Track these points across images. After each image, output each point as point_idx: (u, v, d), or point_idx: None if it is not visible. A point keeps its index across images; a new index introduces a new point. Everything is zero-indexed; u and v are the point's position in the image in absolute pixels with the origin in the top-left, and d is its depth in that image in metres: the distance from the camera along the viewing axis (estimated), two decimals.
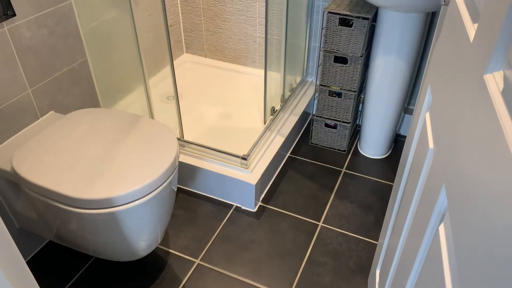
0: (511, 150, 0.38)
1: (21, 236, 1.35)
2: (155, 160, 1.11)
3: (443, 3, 0.77)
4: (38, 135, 1.19)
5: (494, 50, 0.47)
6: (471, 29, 0.60)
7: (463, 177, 0.52)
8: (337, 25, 1.55)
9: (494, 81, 0.48)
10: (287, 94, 1.90)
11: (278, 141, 1.70)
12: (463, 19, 0.64)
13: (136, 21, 1.53)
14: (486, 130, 0.46)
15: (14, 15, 1.16)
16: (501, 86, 0.46)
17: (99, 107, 1.61)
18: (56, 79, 1.36)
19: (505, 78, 0.46)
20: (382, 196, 1.66)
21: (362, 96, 1.89)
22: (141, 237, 1.14)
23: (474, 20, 0.61)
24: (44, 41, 1.28)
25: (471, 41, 0.58)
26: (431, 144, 0.75)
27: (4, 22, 1.14)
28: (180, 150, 1.64)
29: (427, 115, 0.82)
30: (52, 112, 1.37)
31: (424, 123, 0.83)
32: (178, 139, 1.63)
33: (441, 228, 0.58)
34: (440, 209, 0.62)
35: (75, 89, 1.45)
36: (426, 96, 0.83)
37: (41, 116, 1.34)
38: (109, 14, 1.64)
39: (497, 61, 0.48)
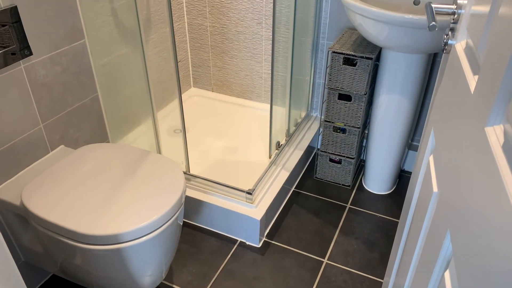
0: None
1: (25, 269, 1.35)
2: (162, 196, 1.12)
3: (444, 51, 0.80)
4: (47, 169, 1.21)
5: (494, 105, 0.50)
6: (472, 81, 0.63)
7: (467, 225, 0.53)
8: (341, 64, 1.60)
9: (495, 134, 0.50)
10: (292, 128, 1.93)
11: (283, 175, 1.71)
12: (463, 70, 0.67)
13: (146, 56, 1.58)
14: (488, 182, 0.47)
15: (30, 54, 1.20)
16: (502, 140, 0.48)
17: (108, 140, 1.64)
18: (68, 114, 1.40)
19: (505, 133, 0.48)
20: (387, 232, 1.66)
21: (366, 132, 1.91)
22: (146, 273, 1.14)
23: (474, 72, 0.64)
24: (57, 78, 1.32)
25: (472, 92, 0.61)
26: (435, 188, 0.76)
27: (21, 61, 1.19)
28: (186, 184, 1.66)
29: (431, 158, 0.83)
30: (62, 146, 1.40)
31: (428, 166, 0.85)
32: (184, 172, 1.65)
33: (447, 275, 0.59)
34: (445, 255, 0.62)
35: (85, 123, 1.48)
36: (429, 139, 0.85)
37: (52, 150, 1.37)
38: (120, 51, 1.70)
39: (497, 116, 0.50)
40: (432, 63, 1.69)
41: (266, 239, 1.62)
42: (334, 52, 1.59)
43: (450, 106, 0.72)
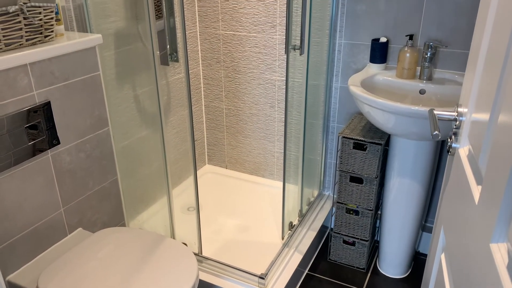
0: None
1: None
2: (175, 284, 1.13)
3: (449, 153, 0.84)
4: (64, 255, 1.23)
5: (496, 224, 0.52)
6: (476, 191, 0.66)
7: None
8: (351, 148, 1.65)
9: (499, 253, 0.52)
10: (305, 208, 1.94)
11: (296, 258, 1.70)
12: (467, 178, 0.70)
13: (165, 137, 1.66)
14: None
15: (58, 143, 1.29)
16: (506, 260, 0.50)
17: (124, 219, 1.67)
18: (88, 197, 1.45)
19: (510, 253, 0.50)
20: None
21: (379, 213, 1.91)
22: None
23: (478, 181, 0.67)
24: (81, 164, 1.39)
25: (476, 203, 0.63)
26: (447, 286, 0.76)
27: (48, 150, 1.27)
28: (198, 267, 1.65)
29: (443, 256, 0.84)
30: (80, 229, 1.43)
31: (440, 264, 0.85)
32: (196, 254, 1.66)
33: None
34: None
35: (103, 205, 1.53)
36: (440, 237, 0.87)
37: (69, 233, 1.40)
38: (140, 133, 1.80)
39: (500, 234, 0.53)
40: (441, 147, 1.73)
41: None
42: (344, 137, 1.65)
43: (457, 211, 0.75)
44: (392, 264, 1.80)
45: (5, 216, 1.19)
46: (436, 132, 0.77)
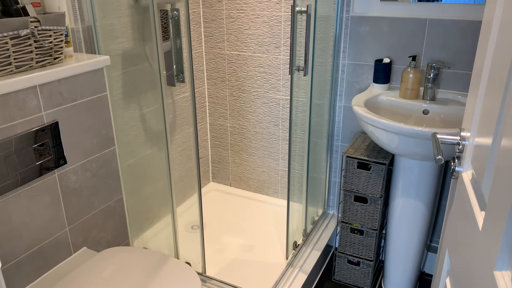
0: None
1: None
2: None
3: (452, 176, 0.84)
4: (69, 274, 1.24)
5: (500, 252, 0.53)
6: (479, 216, 0.66)
7: None
8: (355, 168, 1.65)
9: (503, 280, 0.52)
10: (309, 227, 1.94)
11: (301, 278, 1.69)
12: (471, 203, 0.71)
13: (170, 155, 1.67)
14: None
15: (65, 163, 1.30)
16: None
17: (128, 238, 1.68)
18: (93, 216, 1.46)
19: None
20: None
21: (384, 232, 1.90)
22: None
23: (481, 207, 0.68)
24: (87, 183, 1.40)
25: (480, 229, 0.64)
26: None
27: (55, 169, 1.28)
28: (202, 287, 1.65)
29: (448, 281, 0.84)
30: (84, 248, 1.44)
31: None
32: (200, 274, 1.65)
33: None
34: None
35: (108, 224, 1.53)
36: (445, 261, 0.87)
37: (74, 252, 1.41)
38: (146, 151, 1.81)
39: (504, 263, 0.53)
40: (446, 166, 1.74)
41: None
42: (348, 156, 1.66)
43: (461, 236, 0.75)
44: (397, 284, 1.78)
45: (11, 235, 1.19)
46: (439, 157, 0.78)
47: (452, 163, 0.84)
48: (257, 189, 2.30)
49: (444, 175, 1.76)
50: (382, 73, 1.69)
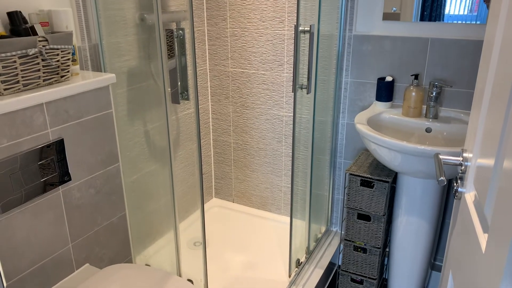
0: None
1: None
2: None
3: (455, 197, 0.84)
4: None
5: (503, 278, 0.52)
6: (482, 239, 0.66)
7: None
8: (358, 185, 1.65)
9: None
10: (312, 244, 1.93)
11: None
12: (474, 225, 0.71)
13: (173, 171, 1.68)
14: None
15: (69, 180, 1.31)
16: None
17: (130, 255, 1.67)
18: (96, 233, 1.46)
19: None
20: None
21: (387, 250, 1.89)
22: None
23: (484, 229, 0.68)
24: (90, 199, 1.41)
25: (483, 252, 0.64)
26: None
27: (59, 186, 1.29)
28: None
29: None
30: (87, 264, 1.44)
31: None
32: None
33: None
34: None
35: (111, 241, 1.53)
36: (448, 282, 0.86)
37: (77, 269, 1.40)
38: (149, 168, 1.82)
39: (507, 287, 0.53)
40: (449, 184, 1.73)
41: None
42: (351, 174, 1.66)
43: (465, 257, 0.75)
44: None
45: (14, 252, 1.20)
46: (442, 178, 0.78)
47: (455, 184, 0.84)
48: (260, 205, 2.29)
49: (448, 192, 1.76)
50: (385, 91, 1.70)
